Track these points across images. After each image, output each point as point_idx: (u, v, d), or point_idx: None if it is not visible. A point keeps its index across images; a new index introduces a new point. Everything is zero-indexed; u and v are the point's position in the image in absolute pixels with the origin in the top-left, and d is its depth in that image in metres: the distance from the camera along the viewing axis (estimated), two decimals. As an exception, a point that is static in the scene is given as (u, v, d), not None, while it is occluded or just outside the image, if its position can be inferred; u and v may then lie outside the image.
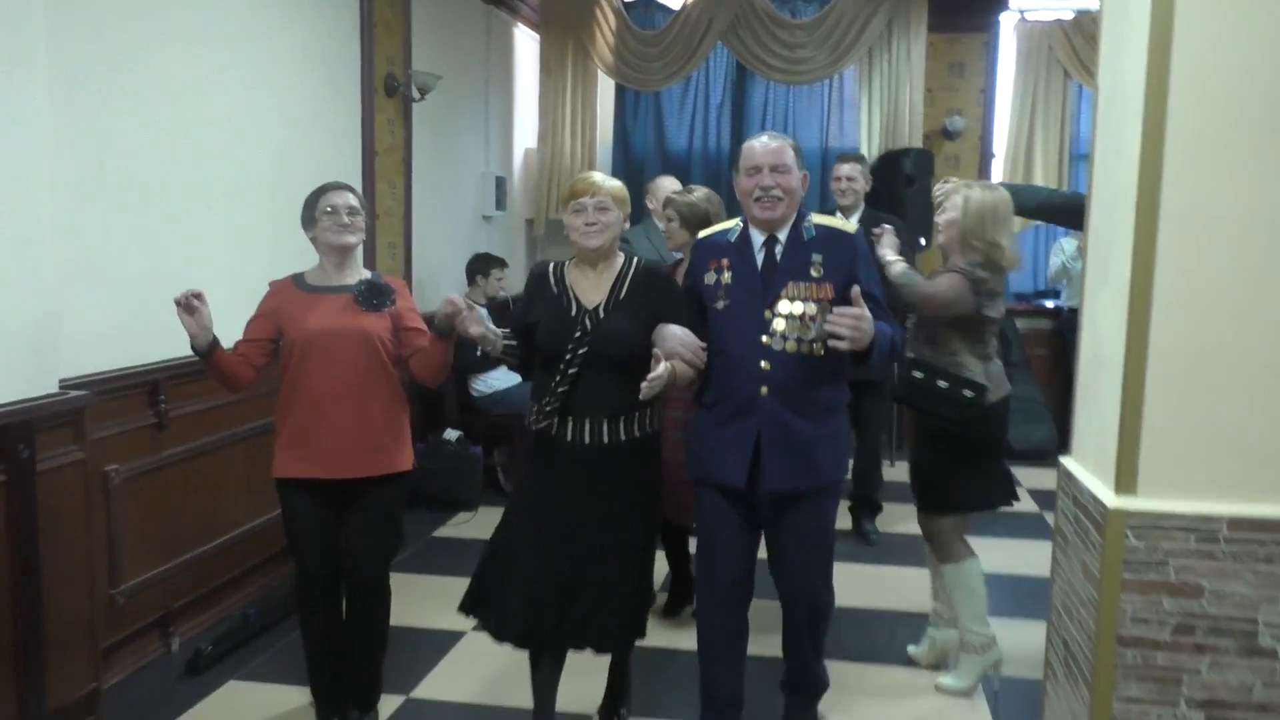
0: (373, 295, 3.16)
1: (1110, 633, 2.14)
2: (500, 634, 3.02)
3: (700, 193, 4.14)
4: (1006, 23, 7.46)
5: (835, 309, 2.75)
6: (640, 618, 3.08)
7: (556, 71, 7.70)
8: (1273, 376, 2.05)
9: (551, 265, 3.14)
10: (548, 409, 2.94)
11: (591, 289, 3.04)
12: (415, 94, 5.72)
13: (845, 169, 5.34)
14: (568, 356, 2.91)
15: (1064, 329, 7.22)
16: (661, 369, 2.75)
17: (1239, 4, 1.98)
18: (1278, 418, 2.06)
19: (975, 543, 3.62)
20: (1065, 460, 2.51)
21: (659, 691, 3.59)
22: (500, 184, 7.24)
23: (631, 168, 7.67)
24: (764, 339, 2.91)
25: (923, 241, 7.11)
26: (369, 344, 3.12)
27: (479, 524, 5.56)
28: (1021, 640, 3.80)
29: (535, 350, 3.03)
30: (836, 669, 3.51)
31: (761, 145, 2.96)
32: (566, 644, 3.04)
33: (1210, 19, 1.99)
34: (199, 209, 3.98)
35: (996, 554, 4.62)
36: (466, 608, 3.09)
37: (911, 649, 3.86)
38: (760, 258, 2.99)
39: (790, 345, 2.89)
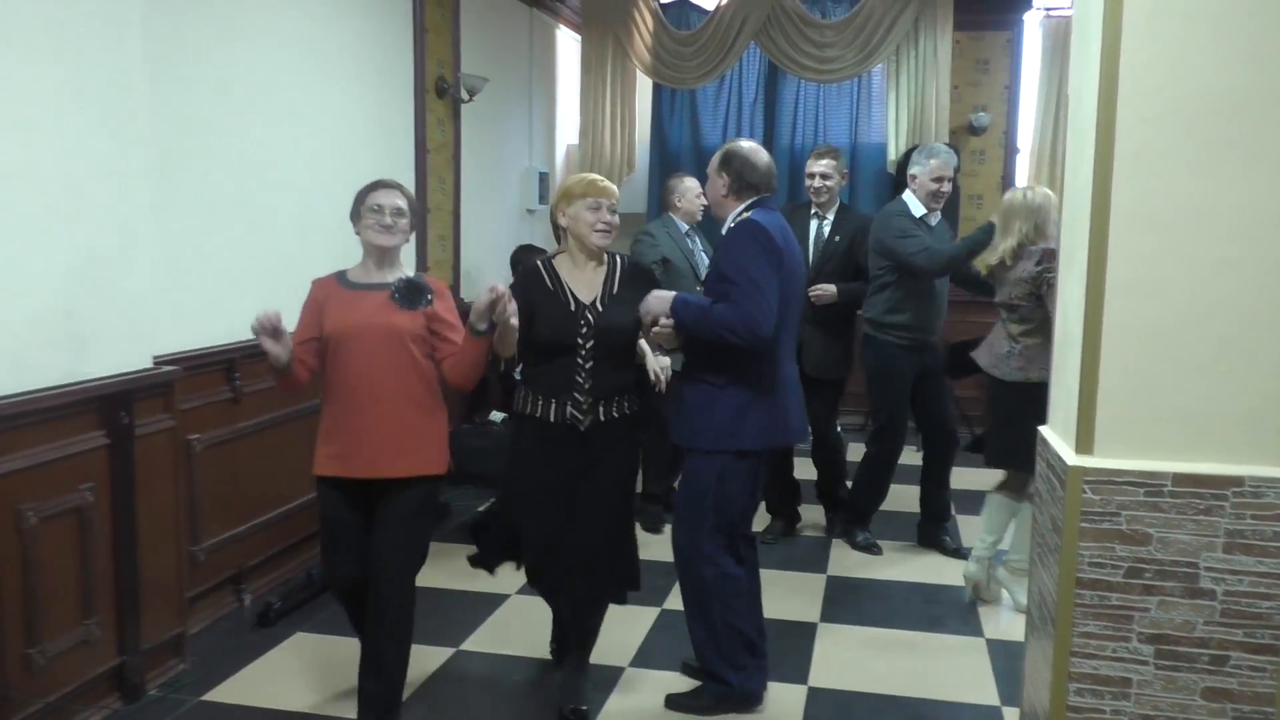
0: (409, 293, 3.15)
1: (1070, 575, 2.45)
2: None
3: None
4: (1030, 21, 7.68)
5: None
6: (634, 571, 3.48)
7: (596, 70, 8.02)
8: (1209, 352, 2.35)
9: (540, 262, 3.36)
10: (585, 405, 3.22)
11: (586, 285, 3.29)
12: (464, 95, 6.08)
13: (820, 165, 5.05)
14: (582, 351, 3.22)
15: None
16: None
17: (1177, 32, 2.28)
18: (1215, 387, 2.36)
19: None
20: (1042, 429, 2.82)
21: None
22: (543, 179, 7.59)
23: (668, 163, 7.98)
24: None
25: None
26: (397, 341, 3.09)
27: (522, 499, 5.91)
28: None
29: (531, 342, 3.27)
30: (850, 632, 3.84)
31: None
32: (575, 597, 3.40)
33: (1152, 45, 2.29)
34: (269, 202, 4.36)
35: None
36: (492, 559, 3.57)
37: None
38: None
39: None
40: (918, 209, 4.78)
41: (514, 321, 2.99)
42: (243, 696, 3.50)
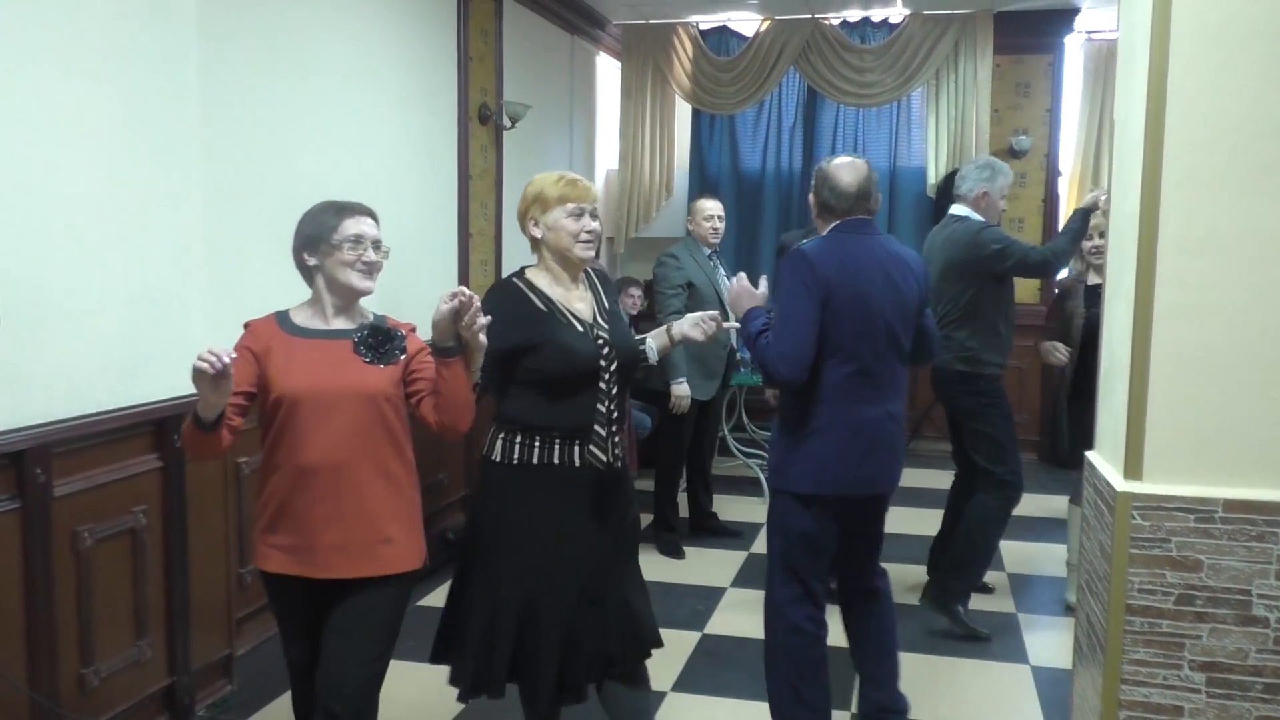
0: (378, 343, 2.55)
1: (1120, 602, 2.43)
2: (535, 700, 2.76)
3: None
4: (1071, 44, 7.67)
5: None
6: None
7: (636, 97, 8.10)
8: (1260, 376, 2.33)
9: (515, 280, 2.81)
10: (616, 438, 2.74)
11: (578, 301, 2.81)
12: (506, 122, 6.14)
13: None
14: (606, 377, 2.70)
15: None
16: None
17: (1225, 57, 2.28)
18: (1266, 412, 2.34)
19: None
20: (1089, 454, 2.80)
21: (731, 672, 3.94)
22: (583, 204, 7.65)
23: (707, 187, 8.01)
24: None
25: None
26: (371, 406, 2.48)
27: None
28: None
29: (540, 376, 2.69)
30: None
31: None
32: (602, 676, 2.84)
33: (1200, 70, 2.29)
34: (316, 231, 4.43)
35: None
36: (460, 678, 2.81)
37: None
38: None
39: None
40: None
41: (483, 337, 2.41)
42: (288, 719, 3.53)
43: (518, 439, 2.71)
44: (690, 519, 5.74)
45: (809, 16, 7.56)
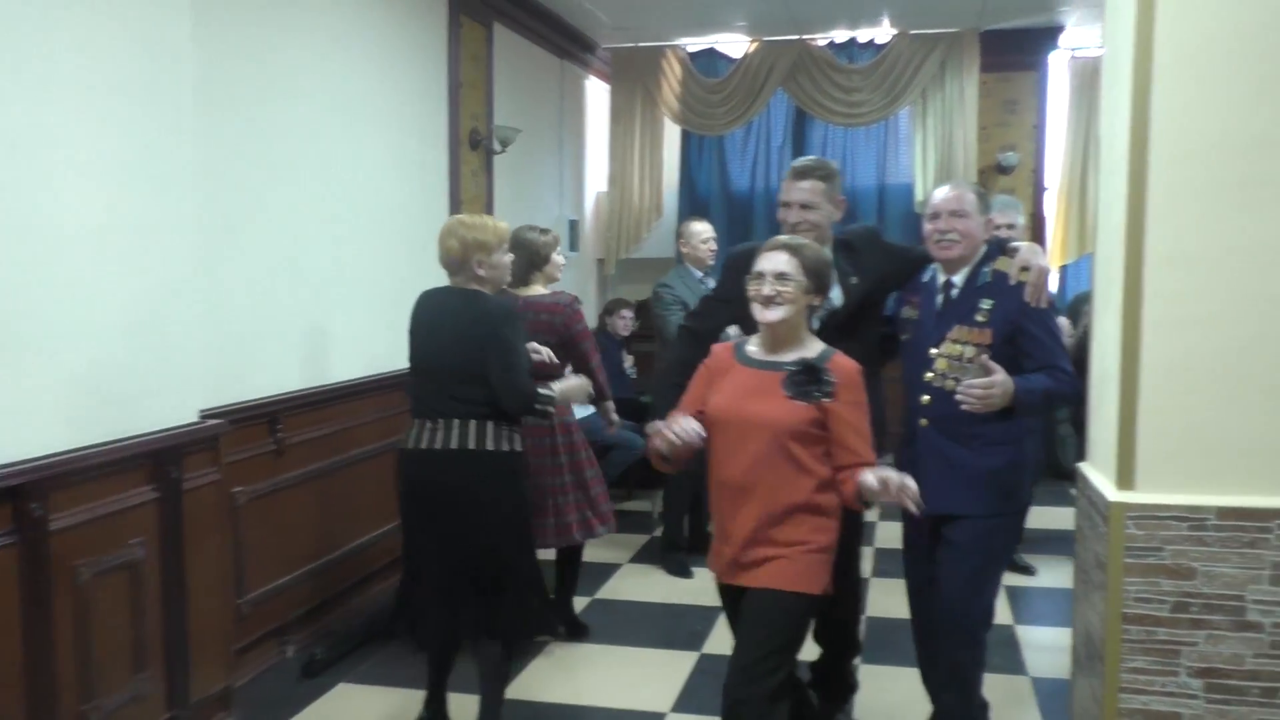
0: (801, 382, 2.64)
1: (1117, 611, 2.44)
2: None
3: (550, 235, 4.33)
4: (1056, 61, 7.73)
5: (964, 381, 2.82)
6: None
7: (625, 119, 8.15)
8: (1249, 385, 2.36)
9: None
10: None
11: None
12: (497, 147, 6.18)
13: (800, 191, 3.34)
14: None
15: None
16: None
17: (1208, 73, 2.32)
18: (1256, 420, 2.37)
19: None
20: (1081, 465, 2.82)
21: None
22: (573, 226, 7.68)
23: (697, 208, 8.06)
24: (927, 375, 3.03)
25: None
26: (773, 438, 2.66)
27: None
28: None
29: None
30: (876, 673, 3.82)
31: (941, 194, 3.05)
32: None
33: (1184, 86, 2.33)
34: (309, 256, 4.45)
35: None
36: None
37: None
38: (939, 299, 3.06)
39: (949, 384, 2.93)
40: None
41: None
42: (289, 748, 3.53)
43: (512, 429, 3.41)
44: (690, 538, 5.72)
45: (796, 37, 7.62)
